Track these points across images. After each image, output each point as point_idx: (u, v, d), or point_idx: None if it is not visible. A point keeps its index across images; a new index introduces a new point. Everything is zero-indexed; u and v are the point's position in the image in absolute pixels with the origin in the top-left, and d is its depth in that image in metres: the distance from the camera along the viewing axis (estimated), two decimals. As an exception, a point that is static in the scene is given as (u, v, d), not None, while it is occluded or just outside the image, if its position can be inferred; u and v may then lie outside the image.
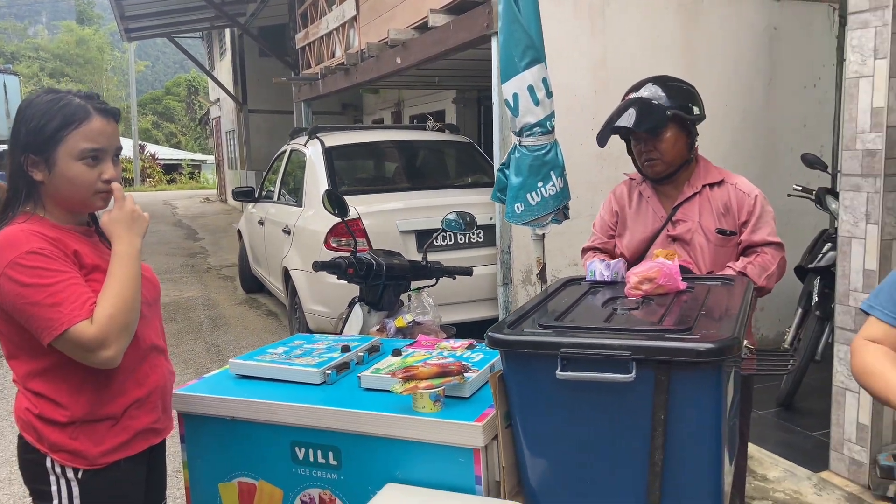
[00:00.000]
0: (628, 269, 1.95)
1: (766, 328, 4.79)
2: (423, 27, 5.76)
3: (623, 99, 2.32)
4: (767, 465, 3.42)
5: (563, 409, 1.53)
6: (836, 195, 4.02)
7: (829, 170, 4.36)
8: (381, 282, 2.77)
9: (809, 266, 3.98)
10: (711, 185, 2.29)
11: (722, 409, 1.46)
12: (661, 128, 2.20)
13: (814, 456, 3.42)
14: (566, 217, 2.94)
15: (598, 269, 2.04)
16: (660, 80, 2.29)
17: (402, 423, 1.58)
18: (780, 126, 5.04)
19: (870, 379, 1.44)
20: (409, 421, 1.58)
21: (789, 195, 4.24)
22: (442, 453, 1.56)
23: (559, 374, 1.47)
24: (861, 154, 2.96)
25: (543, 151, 2.74)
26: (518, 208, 2.80)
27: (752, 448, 3.39)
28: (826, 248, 3.97)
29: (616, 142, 2.36)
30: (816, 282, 3.93)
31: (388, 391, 1.68)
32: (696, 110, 2.26)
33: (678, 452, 1.45)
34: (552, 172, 2.76)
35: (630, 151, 2.37)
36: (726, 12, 4.84)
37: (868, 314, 1.53)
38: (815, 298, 3.90)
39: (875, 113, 2.88)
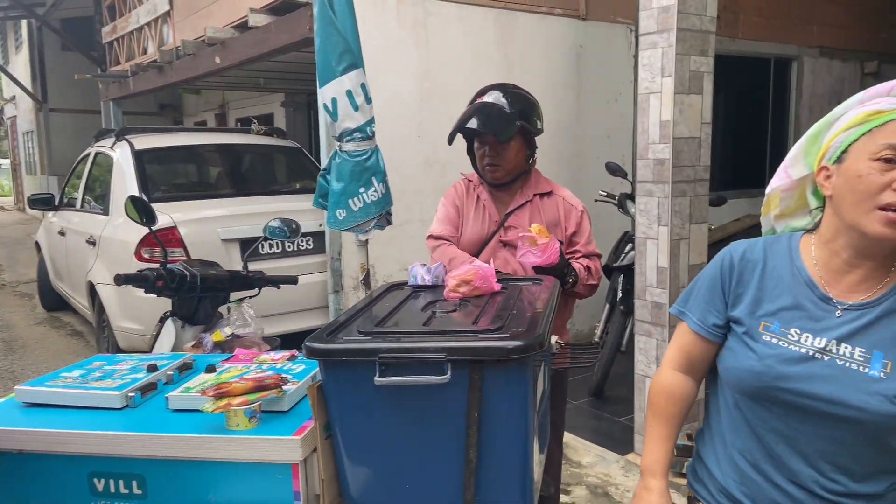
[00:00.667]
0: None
1: (580, 323, 5.16)
2: (243, 26, 5.56)
3: (470, 104, 2.39)
4: (581, 451, 3.67)
5: (384, 415, 1.53)
6: (634, 200, 4.42)
7: (629, 177, 4.78)
8: (196, 294, 2.62)
9: (614, 265, 4.35)
10: (542, 195, 2.41)
11: (530, 402, 1.54)
12: (509, 136, 2.29)
13: (621, 439, 3.73)
14: (389, 223, 2.97)
15: (420, 272, 2.07)
16: (508, 90, 2.38)
17: (214, 444, 1.50)
18: (588, 137, 5.46)
19: (648, 418, 1.52)
20: (221, 441, 1.50)
21: (596, 200, 4.60)
22: (258, 471, 1.50)
23: (377, 380, 1.47)
24: (652, 163, 3.28)
25: (364, 157, 2.74)
26: (340, 214, 2.78)
27: (568, 437, 3.63)
28: (628, 248, 4.35)
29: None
30: (620, 279, 4.29)
31: (198, 411, 1.58)
32: (538, 124, 2.38)
33: (491, 447, 1.50)
34: (374, 178, 2.78)
35: (470, 152, 2.43)
36: (538, 30, 5.16)
37: (680, 319, 1.46)
38: (620, 295, 4.26)
39: (663, 126, 3.21)
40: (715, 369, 1.44)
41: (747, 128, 6.69)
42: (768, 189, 1.42)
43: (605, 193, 4.58)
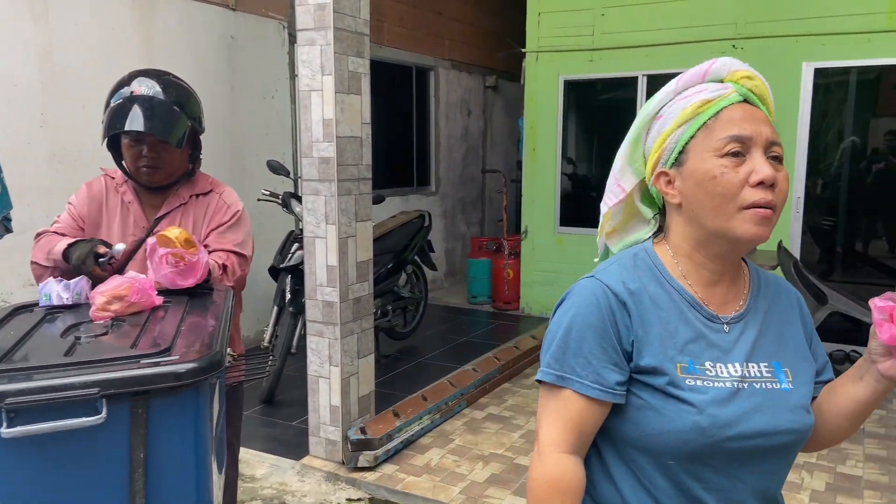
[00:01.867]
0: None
1: (246, 328, 4.93)
2: None
3: (113, 93, 2.01)
4: (255, 464, 3.50)
5: (21, 475, 1.21)
6: (299, 199, 4.36)
7: (292, 175, 4.71)
8: None
9: (281, 266, 4.24)
10: (199, 195, 2.16)
11: (207, 428, 1.36)
12: (179, 138, 1.99)
13: (296, 444, 3.65)
14: (7, 230, 2.38)
15: (55, 290, 1.71)
16: (165, 79, 2.06)
17: None
18: (246, 133, 5.24)
19: None
20: None
21: (259, 199, 4.43)
22: None
23: (4, 431, 1.15)
24: (317, 161, 3.25)
25: None
26: None
27: (241, 450, 3.42)
28: (294, 247, 4.27)
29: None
30: (288, 280, 4.20)
31: None
32: (202, 121, 2.13)
33: (163, 487, 1.29)
34: None
35: (114, 147, 2.07)
36: (183, 14, 4.76)
37: (560, 387, 1.05)
38: (289, 296, 4.16)
39: (326, 124, 3.20)
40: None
41: (395, 130, 7.15)
42: (603, 208, 1.21)
43: (268, 192, 4.44)
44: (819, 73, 5.02)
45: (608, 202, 1.20)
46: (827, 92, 5.09)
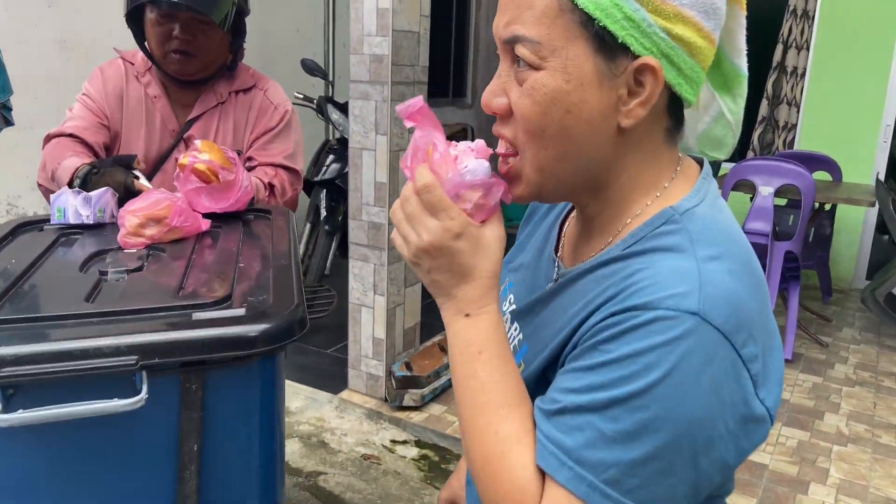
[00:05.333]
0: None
1: (272, 245, 4.57)
2: None
3: None
4: (289, 395, 3.20)
5: (21, 479, 0.85)
6: (335, 104, 3.91)
7: (329, 77, 4.23)
8: None
9: (315, 179, 3.82)
10: (238, 92, 1.74)
11: (281, 405, 1.00)
12: (221, 14, 1.55)
13: (332, 375, 3.34)
14: (8, 122, 1.96)
15: (72, 203, 1.32)
16: None
17: None
18: (273, 29, 4.71)
19: None
20: None
21: (293, 104, 3.97)
22: None
23: (2, 417, 0.79)
24: (368, 59, 2.78)
25: None
26: None
27: (275, 381, 3.12)
28: (329, 159, 3.85)
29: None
30: (323, 195, 3.80)
31: None
32: (248, 6, 1.70)
33: (220, 488, 0.94)
34: None
35: (135, 23, 1.64)
36: None
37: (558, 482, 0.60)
38: (323, 212, 3.77)
39: (381, 14, 2.71)
40: None
41: (431, 33, 6.53)
42: None
43: (301, 96, 3.96)
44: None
45: None
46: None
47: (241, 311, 0.92)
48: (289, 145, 1.75)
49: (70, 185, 1.42)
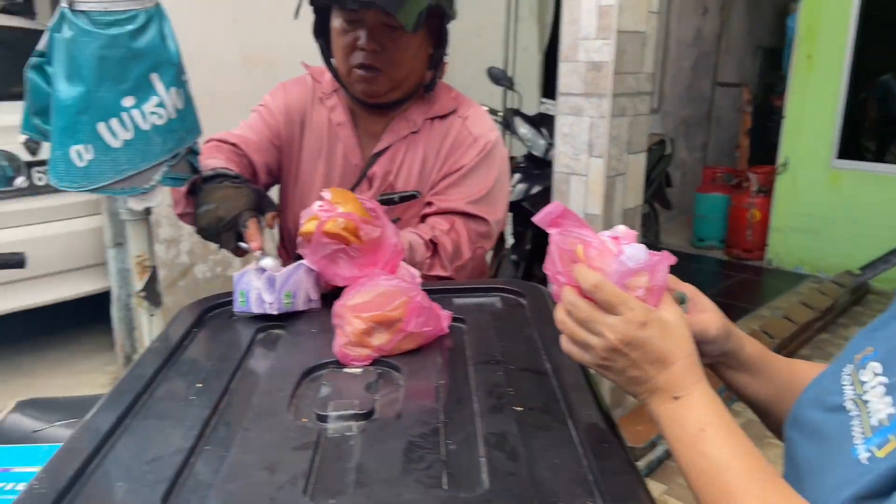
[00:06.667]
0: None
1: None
2: None
3: None
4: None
5: None
6: (524, 117, 3.50)
7: (516, 87, 3.81)
8: None
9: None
10: (435, 119, 1.36)
11: None
12: (415, 19, 1.19)
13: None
14: (196, 171, 1.41)
15: (255, 287, 0.97)
16: None
17: None
18: (453, 31, 4.39)
19: None
20: None
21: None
22: None
23: None
24: (584, 67, 2.32)
25: (129, 28, 1.16)
26: (78, 156, 1.12)
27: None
28: (515, 178, 3.43)
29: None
30: (509, 219, 3.39)
31: None
32: (454, 3, 1.34)
33: None
34: (156, 75, 1.21)
35: (322, 34, 1.34)
36: None
37: None
38: (509, 239, 3.37)
39: (603, 13, 2.23)
40: None
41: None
42: None
43: (486, 109, 3.58)
44: None
45: None
46: None
47: None
48: (480, 187, 1.32)
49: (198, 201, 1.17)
